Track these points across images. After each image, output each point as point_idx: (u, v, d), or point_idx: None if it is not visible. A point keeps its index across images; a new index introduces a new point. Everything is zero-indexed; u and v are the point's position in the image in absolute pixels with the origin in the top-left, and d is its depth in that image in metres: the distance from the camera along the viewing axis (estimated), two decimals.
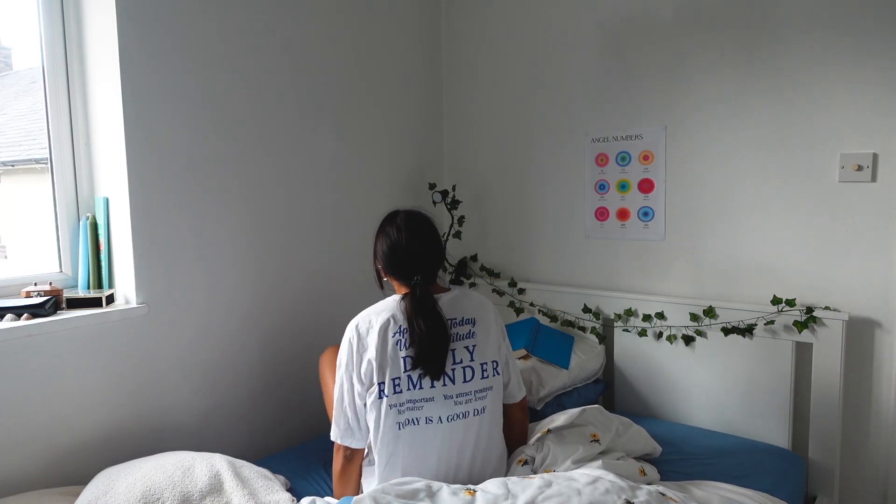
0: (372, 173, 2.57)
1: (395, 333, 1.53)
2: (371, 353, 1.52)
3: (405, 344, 1.52)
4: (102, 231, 1.88)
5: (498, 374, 1.60)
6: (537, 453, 1.68)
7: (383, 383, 1.51)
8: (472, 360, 1.56)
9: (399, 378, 1.51)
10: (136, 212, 1.83)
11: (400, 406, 1.51)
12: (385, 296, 1.65)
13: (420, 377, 1.52)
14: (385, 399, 1.51)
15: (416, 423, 1.52)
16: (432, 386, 1.52)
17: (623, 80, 2.38)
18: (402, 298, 1.58)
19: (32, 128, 2.05)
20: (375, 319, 1.55)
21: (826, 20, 1.97)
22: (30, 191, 2.16)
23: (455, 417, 1.54)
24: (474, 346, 1.57)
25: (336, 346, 1.91)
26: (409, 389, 1.51)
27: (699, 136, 2.23)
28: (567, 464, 1.61)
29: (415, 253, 1.59)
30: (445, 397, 1.53)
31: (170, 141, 1.90)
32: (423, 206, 2.25)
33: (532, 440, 1.73)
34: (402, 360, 1.52)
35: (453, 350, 1.54)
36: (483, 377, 1.57)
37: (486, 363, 1.58)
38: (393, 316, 1.55)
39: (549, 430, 1.74)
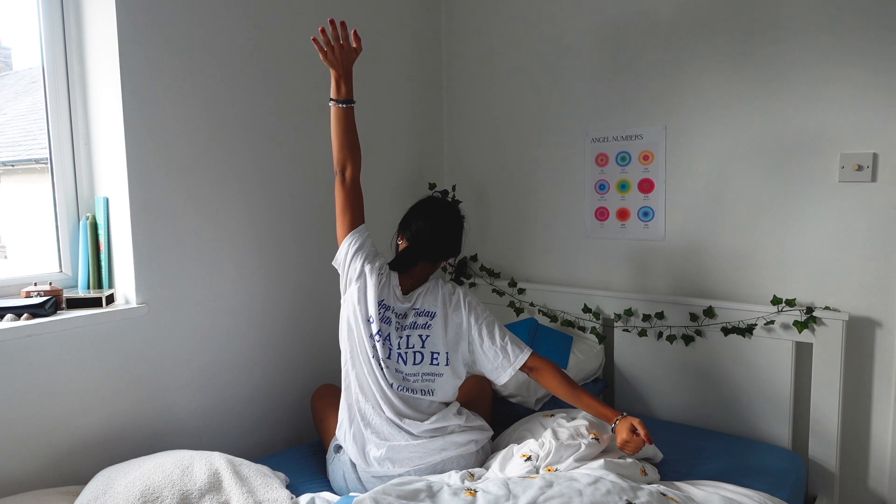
0: (372, 173, 2.56)
1: (381, 273, 1.80)
2: (372, 281, 1.76)
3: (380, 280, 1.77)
4: (102, 231, 1.88)
5: (449, 363, 1.76)
6: (540, 450, 1.68)
7: (371, 318, 1.73)
8: (423, 346, 1.77)
9: (379, 332, 1.72)
10: (136, 212, 1.84)
11: (374, 345, 1.72)
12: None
13: (384, 342, 1.73)
14: (373, 326, 1.72)
15: (381, 367, 1.71)
16: (388, 357, 1.72)
17: (623, 80, 2.38)
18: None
19: (32, 128, 2.05)
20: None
21: (826, 20, 1.97)
22: (30, 191, 2.15)
23: (403, 389, 1.72)
24: (427, 336, 1.77)
25: (327, 384, 2.10)
26: (381, 345, 1.72)
27: (699, 136, 2.23)
28: (569, 462, 1.62)
29: (434, 237, 1.81)
30: (396, 371, 1.73)
31: (170, 141, 1.90)
32: None
33: (537, 438, 1.74)
34: (377, 305, 1.74)
35: (409, 336, 1.76)
36: (433, 363, 1.76)
37: (437, 353, 1.77)
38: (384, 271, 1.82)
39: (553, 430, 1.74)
